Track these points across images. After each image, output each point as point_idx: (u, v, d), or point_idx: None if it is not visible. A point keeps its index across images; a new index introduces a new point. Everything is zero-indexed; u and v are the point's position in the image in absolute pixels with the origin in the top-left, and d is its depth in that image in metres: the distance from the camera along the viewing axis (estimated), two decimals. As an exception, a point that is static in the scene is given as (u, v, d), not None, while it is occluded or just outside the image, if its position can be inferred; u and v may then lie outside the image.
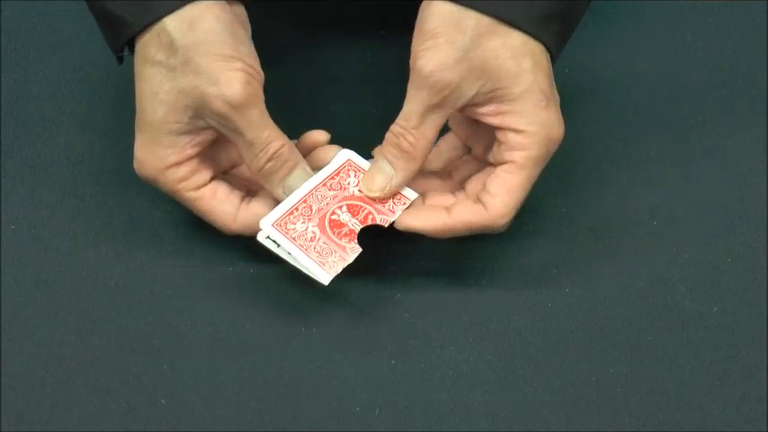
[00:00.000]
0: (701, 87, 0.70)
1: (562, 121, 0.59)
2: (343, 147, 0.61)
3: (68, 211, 0.63)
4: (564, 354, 0.59)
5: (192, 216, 0.61)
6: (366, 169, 0.60)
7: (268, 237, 0.58)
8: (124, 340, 0.59)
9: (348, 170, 0.60)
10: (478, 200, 0.59)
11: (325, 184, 0.60)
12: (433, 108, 0.57)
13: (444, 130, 0.61)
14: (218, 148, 0.61)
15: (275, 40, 0.69)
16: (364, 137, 0.62)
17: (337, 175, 0.60)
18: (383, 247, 0.62)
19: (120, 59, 0.60)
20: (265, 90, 0.58)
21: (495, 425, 0.56)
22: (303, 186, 0.59)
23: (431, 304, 0.60)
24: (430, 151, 0.59)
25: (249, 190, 0.61)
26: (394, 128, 0.58)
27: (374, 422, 0.56)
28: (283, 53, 0.71)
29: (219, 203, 0.59)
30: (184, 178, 0.59)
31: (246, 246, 0.61)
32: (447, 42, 0.56)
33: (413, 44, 0.57)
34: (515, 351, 0.59)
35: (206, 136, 0.59)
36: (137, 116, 0.59)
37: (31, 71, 0.70)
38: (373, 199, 0.60)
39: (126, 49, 0.59)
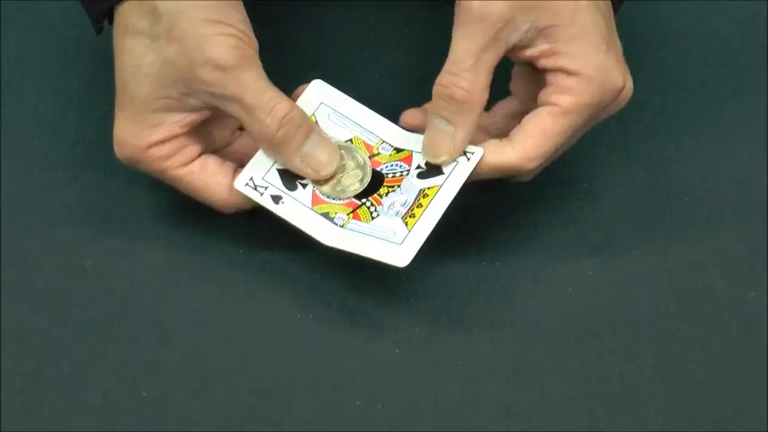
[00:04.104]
0: (739, 49, 0.70)
1: (625, 71, 0.58)
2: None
3: (39, 186, 0.63)
4: (585, 343, 0.59)
5: (176, 192, 0.61)
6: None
7: (247, 184, 0.58)
8: (101, 327, 0.59)
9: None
10: (508, 138, 0.59)
11: None
12: (486, 46, 0.57)
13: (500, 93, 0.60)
14: (209, 125, 0.60)
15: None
16: (363, 100, 0.62)
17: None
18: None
19: (99, 30, 0.60)
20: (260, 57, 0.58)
21: (510, 421, 0.56)
22: None
23: (439, 288, 0.60)
24: (486, 100, 0.58)
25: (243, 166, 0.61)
26: (442, 79, 0.58)
27: (376, 417, 0.56)
28: (279, 12, 0.71)
29: (212, 176, 0.59)
30: (170, 155, 0.59)
31: (236, 224, 0.61)
32: None
33: None
34: (532, 340, 0.59)
35: (197, 116, 0.59)
36: (117, 94, 0.59)
37: (-4, 30, 0.71)
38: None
39: (105, 20, 0.59)
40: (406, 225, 0.57)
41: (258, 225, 0.61)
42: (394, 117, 0.62)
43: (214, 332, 0.59)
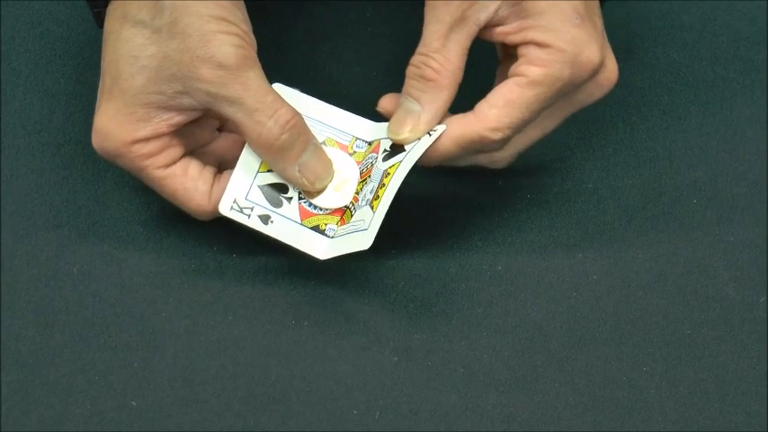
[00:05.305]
0: (748, 46, 0.71)
1: (605, 48, 0.58)
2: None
3: (25, 188, 0.63)
4: (590, 350, 0.59)
5: (167, 194, 0.61)
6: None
7: (232, 207, 0.58)
8: (89, 334, 0.58)
9: None
10: (472, 111, 0.59)
11: None
12: (455, 23, 0.57)
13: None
14: (191, 125, 0.60)
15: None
16: (361, 99, 0.62)
17: None
18: (382, 228, 0.61)
19: (100, 20, 0.60)
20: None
21: (512, 430, 0.56)
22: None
23: (438, 293, 0.60)
24: (459, 81, 0.58)
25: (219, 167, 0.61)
26: (414, 59, 0.59)
27: (374, 426, 0.56)
28: (274, 6, 0.71)
29: (192, 181, 0.59)
30: (153, 154, 0.58)
31: (228, 228, 0.61)
32: None
33: None
34: (535, 347, 0.59)
35: (186, 116, 0.58)
36: (105, 83, 0.58)
37: (-20, 27, 0.71)
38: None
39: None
40: (372, 208, 0.57)
41: (251, 229, 0.60)
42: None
43: (206, 339, 0.58)
